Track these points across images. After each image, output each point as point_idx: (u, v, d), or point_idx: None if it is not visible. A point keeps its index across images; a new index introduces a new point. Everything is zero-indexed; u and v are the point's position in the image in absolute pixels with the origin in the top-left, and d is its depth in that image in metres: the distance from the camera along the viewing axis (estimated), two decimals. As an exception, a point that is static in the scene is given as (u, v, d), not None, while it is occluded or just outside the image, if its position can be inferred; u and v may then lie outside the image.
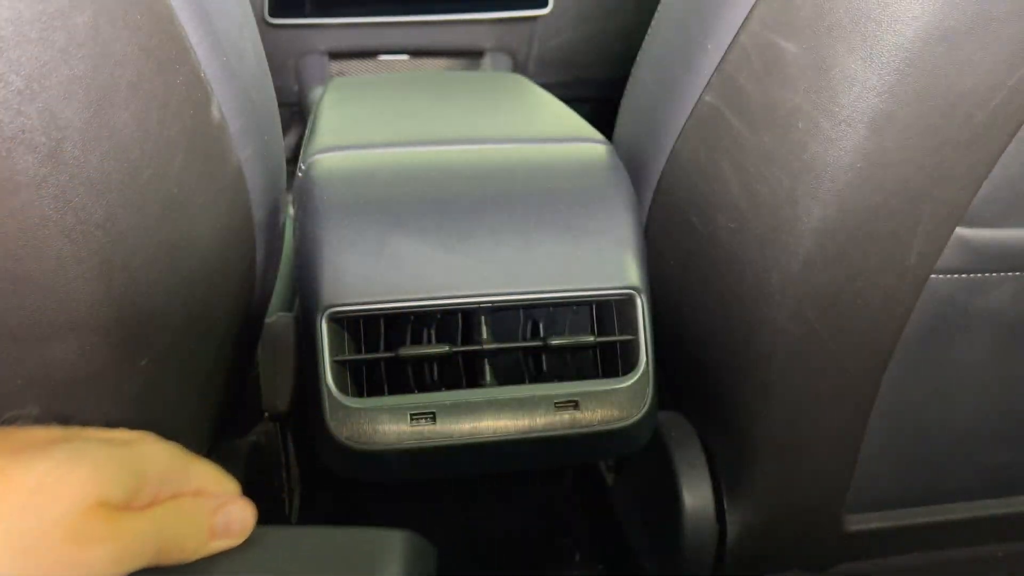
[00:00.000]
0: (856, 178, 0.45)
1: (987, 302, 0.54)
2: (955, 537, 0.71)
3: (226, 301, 0.51)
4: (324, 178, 0.51)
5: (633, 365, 0.51)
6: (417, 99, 0.71)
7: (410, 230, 0.49)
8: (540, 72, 1.32)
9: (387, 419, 0.47)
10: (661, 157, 0.57)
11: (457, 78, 0.92)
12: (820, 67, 0.43)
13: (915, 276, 0.51)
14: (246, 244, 0.52)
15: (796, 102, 0.45)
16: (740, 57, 0.48)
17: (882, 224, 0.47)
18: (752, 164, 0.49)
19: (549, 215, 0.51)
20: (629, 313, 0.51)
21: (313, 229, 0.49)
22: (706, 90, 0.52)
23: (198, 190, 0.43)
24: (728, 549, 0.64)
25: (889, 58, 0.41)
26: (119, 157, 0.36)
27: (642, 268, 0.52)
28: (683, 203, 0.56)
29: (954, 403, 0.61)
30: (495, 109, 0.68)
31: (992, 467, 0.66)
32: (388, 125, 0.60)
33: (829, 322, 0.52)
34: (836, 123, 0.44)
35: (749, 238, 0.51)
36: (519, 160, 0.54)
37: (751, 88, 0.48)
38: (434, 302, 0.49)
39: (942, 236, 0.49)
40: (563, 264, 0.50)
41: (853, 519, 0.67)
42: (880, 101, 0.42)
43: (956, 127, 0.44)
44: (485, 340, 0.51)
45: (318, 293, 0.48)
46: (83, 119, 0.34)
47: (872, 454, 0.62)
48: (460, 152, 0.54)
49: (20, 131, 0.32)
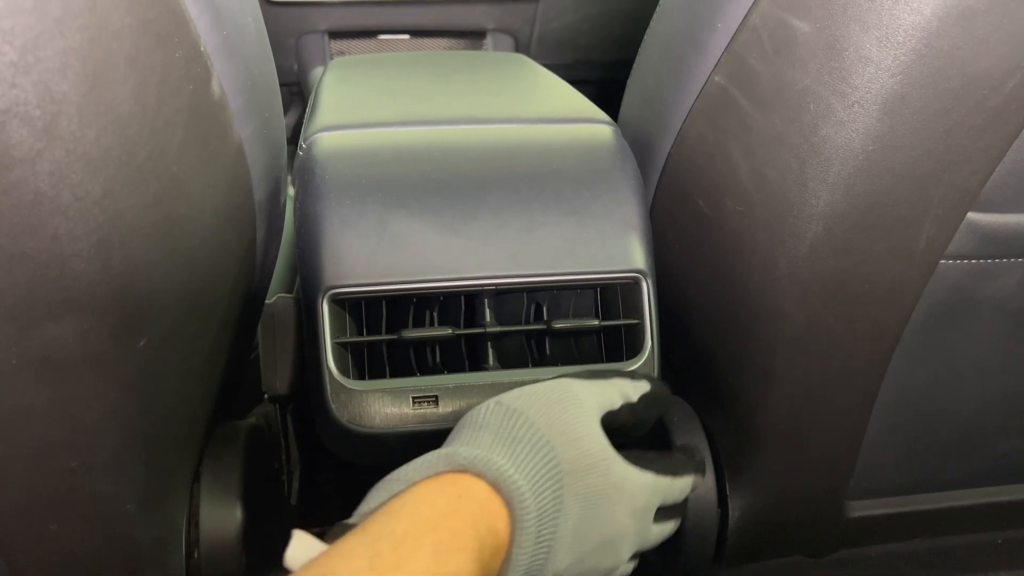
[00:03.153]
0: (866, 162, 0.44)
1: (995, 288, 0.54)
2: (956, 524, 0.71)
3: (226, 281, 0.51)
4: (326, 157, 0.50)
5: (638, 350, 0.50)
6: (420, 78, 0.70)
7: (412, 211, 0.49)
8: (542, 53, 1.31)
9: (389, 402, 0.47)
10: (668, 139, 0.57)
11: (460, 58, 0.91)
12: (833, 47, 0.43)
13: (924, 262, 0.50)
14: (246, 224, 0.51)
15: (807, 83, 0.44)
16: (750, 37, 0.48)
17: (892, 209, 0.46)
18: (761, 146, 0.48)
19: (554, 197, 0.50)
20: (634, 297, 0.51)
21: (314, 209, 0.48)
22: (715, 70, 0.51)
23: (198, 168, 0.42)
24: (729, 534, 0.64)
25: (905, 37, 0.40)
26: (117, 133, 0.35)
27: (648, 251, 0.51)
28: (689, 186, 0.56)
29: (959, 390, 0.61)
30: (499, 89, 0.67)
31: (995, 454, 0.66)
32: (391, 104, 0.59)
33: (835, 308, 0.51)
34: (848, 104, 0.43)
35: (756, 222, 0.50)
36: (523, 140, 0.53)
37: (761, 68, 0.47)
38: (437, 284, 0.48)
39: (953, 221, 0.49)
40: (568, 247, 0.49)
41: (856, 505, 0.66)
42: (894, 82, 0.41)
43: (969, 110, 0.43)
44: (488, 323, 0.50)
45: (319, 274, 0.47)
46: (79, 93, 0.33)
47: (876, 441, 0.62)
48: (463, 132, 0.54)
49: (14, 104, 0.31)
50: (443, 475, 0.37)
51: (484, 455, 0.37)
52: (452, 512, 0.34)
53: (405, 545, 0.32)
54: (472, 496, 0.36)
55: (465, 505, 0.35)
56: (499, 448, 0.38)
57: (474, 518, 0.35)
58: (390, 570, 0.30)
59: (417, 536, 0.32)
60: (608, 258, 0.50)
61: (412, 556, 0.31)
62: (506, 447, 0.38)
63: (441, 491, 0.36)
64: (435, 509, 0.34)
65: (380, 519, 0.34)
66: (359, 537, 0.33)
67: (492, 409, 0.40)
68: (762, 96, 0.47)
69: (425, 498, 0.35)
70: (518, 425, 0.39)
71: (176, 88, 0.39)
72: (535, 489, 0.37)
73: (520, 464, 0.38)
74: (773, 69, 0.46)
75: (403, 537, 0.32)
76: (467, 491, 0.36)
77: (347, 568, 0.31)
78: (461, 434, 0.40)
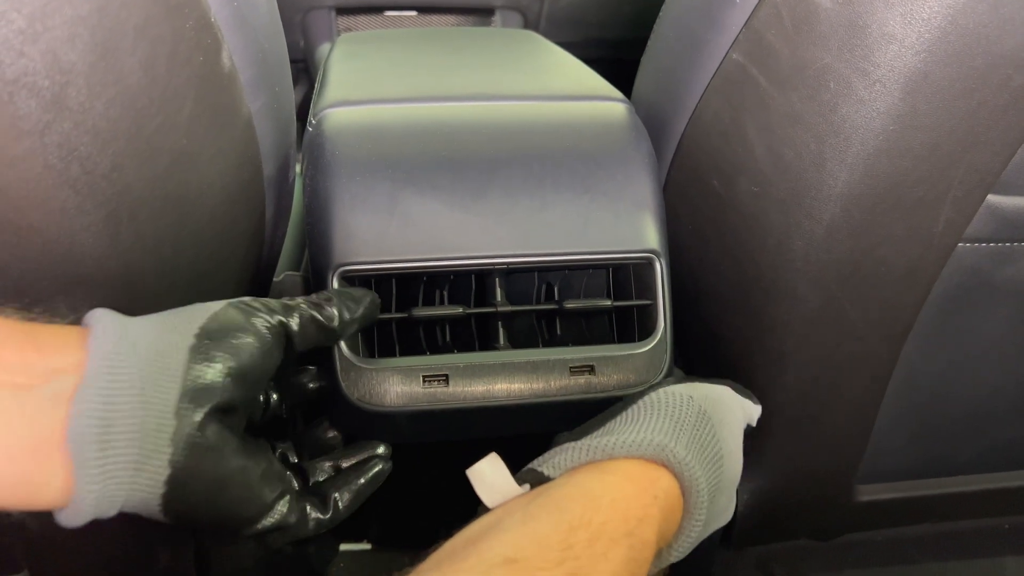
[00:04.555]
0: (886, 142, 0.43)
1: (1013, 272, 0.53)
2: (964, 509, 0.71)
3: (235, 257, 0.50)
4: (335, 133, 0.50)
5: (650, 330, 0.50)
6: (430, 54, 0.69)
7: (423, 188, 0.48)
8: (551, 31, 1.29)
9: (399, 380, 0.46)
10: (683, 117, 0.56)
11: (470, 34, 0.89)
12: (855, 24, 0.42)
13: (942, 245, 0.49)
14: (256, 199, 0.51)
15: (827, 61, 0.44)
16: (770, 13, 0.47)
17: (911, 190, 0.46)
18: (778, 126, 0.47)
19: (566, 175, 0.50)
20: (647, 277, 0.50)
21: (324, 185, 0.48)
22: (732, 47, 0.50)
23: (207, 141, 0.42)
24: (738, 516, 0.64)
25: (931, 14, 0.39)
26: (126, 104, 0.35)
27: (661, 231, 0.50)
28: (704, 165, 0.55)
29: (971, 375, 0.60)
30: (510, 65, 0.66)
31: (1006, 440, 0.66)
32: (401, 80, 0.58)
33: (850, 290, 0.51)
34: (870, 83, 0.42)
35: (772, 202, 0.50)
36: (535, 117, 0.53)
37: (780, 45, 0.46)
38: (448, 262, 0.47)
39: (972, 203, 0.48)
40: (580, 226, 0.49)
41: (864, 489, 0.66)
42: (918, 60, 0.40)
43: (993, 90, 0.42)
44: (499, 302, 0.49)
45: (329, 251, 0.47)
46: (88, 63, 0.32)
47: (886, 425, 0.61)
48: (475, 108, 0.53)
49: (23, 73, 0.30)
50: (641, 461, 0.37)
51: (690, 461, 0.38)
52: (647, 517, 0.35)
53: (600, 543, 0.31)
54: (664, 501, 0.36)
55: (659, 511, 0.36)
56: (694, 453, 0.39)
57: (661, 528, 0.35)
58: (581, 570, 0.30)
59: (614, 537, 0.32)
60: (621, 238, 0.49)
61: (605, 558, 0.31)
62: (699, 454, 0.39)
63: (642, 487, 0.36)
64: (633, 510, 0.34)
65: (579, 500, 0.34)
66: (555, 517, 0.32)
67: (687, 403, 0.42)
68: (781, 74, 0.46)
69: (625, 490, 0.35)
70: (707, 434, 0.41)
71: (186, 59, 0.38)
72: (711, 493, 0.39)
73: (709, 476, 0.40)
74: (792, 46, 0.45)
75: (599, 533, 0.32)
76: (664, 494, 0.37)
77: (540, 558, 0.30)
78: (655, 421, 0.40)
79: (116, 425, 0.32)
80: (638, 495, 0.35)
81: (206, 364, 0.35)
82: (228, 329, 0.36)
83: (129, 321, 0.36)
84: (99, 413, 0.32)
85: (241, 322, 0.37)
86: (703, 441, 0.40)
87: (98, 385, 0.32)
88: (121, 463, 0.33)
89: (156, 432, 0.33)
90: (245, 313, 0.38)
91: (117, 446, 0.32)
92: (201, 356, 0.35)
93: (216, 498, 0.35)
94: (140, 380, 0.33)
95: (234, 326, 0.37)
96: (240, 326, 0.37)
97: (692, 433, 0.40)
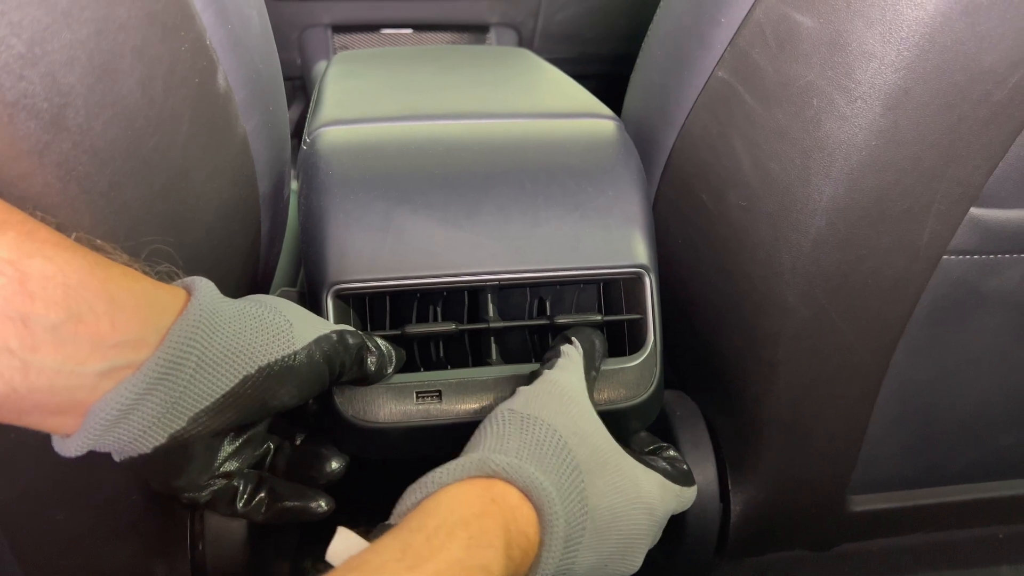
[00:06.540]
0: (870, 156, 0.44)
1: (999, 283, 0.54)
2: (958, 518, 0.71)
3: (231, 274, 0.51)
4: (330, 151, 0.51)
5: (640, 344, 0.50)
6: (424, 73, 0.70)
7: (416, 205, 0.49)
8: (546, 47, 1.31)
9: (393, 397, 0.47)
10: (671, 133, 0.57)
11: (464, 52, 0.91)
12: (836, 42, 0.43)
13: (927, 256, 0.50)
14: (251, 216, 0.52)
15: (810, 78, 0.44)
16: (754, 31, 0.48)
17: (895, 203, 0.47)
18: (764, 141, 0.48)
19: (557, 191, 0.50)
20: (637, 292, 0.51)
21: (318, 203, 0.49)
22: (718, 65, 0.51)
23: (203, 160, 0.42)
24: (731, 527, 0.64)
25: (909, 32, 0.40)
26: (123, 125, 0.36)
27: (651, 246, 0.51)
28: (693, 180, 0.56)
29: (961, 385, 0.61)
30: (503, 83, 0.67)
31: (997, 449, 0.66)
32: (395, 99, 0.59)
33: (839, 302, 0.51)
34: (851, 100, 0.43)
35: (760, 216, 0.50)
36: (527, 135, 0.53)
37: (765, 63, 0.47)
38: (440, 279, 0.48)
39: (956, 216, 0.49)
40: (571, 242, 0.50)
41: (857, 499, 0.66)
42: (898, 77, 0.41)
43: (973, 105, 0.43)
44: (492, 318, 0.50)
45: (324, 269, 0.47)
46: (86, 85, 0.33)
47: (878, 435, 0.62)
48: (467, 126, 0.54)
49: (22, 96, 0.31)
50: (475, 479, 0.37)
51: (515, 462, 0.37)
52: (484, 512, 0.35)
53: (438, 537, 0.32)
54: (504, 501, 0.36)
55: (497, 508, 0.35)
56: (526, 454, 0.39)
57: (505, 520, 0.35)
58: (421, 559, 0.31)
59: (450, 530, 0.33)
60: (611, 253, 0.50)
61: (444, 547, 0.32)
62: (533, 453, 0.39)
63: (475, 494, 0.36)
64: (468, 508, 0.35)
65: (414, 516, 0.35)
66: (393, 532, 0.33)
67: (507, 417, 0.41)
68: (765, 91, 0.47)
69: (458, 498, 0.36)
70: (538, 430, 0.40)
71: (182, 80, 0.39)
72: (563, 495, 0.38)
73: (548, 469, 0.39)
74: (776, 64, 0.46)
75: (435, 531, 0.32)
76: (500, 496, 0.36)
77: (379, 559, 0.31)
78: (486, 441, 0.40)
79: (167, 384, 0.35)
80: (472, 499, 0.36)
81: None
82: None
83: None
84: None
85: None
86: (537, 441, 0.39)
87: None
88: (145, 411, 0.35)
89: (188, 407, 0.36)
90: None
91: (152, 399, 0.35)
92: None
93: (170, 472, 0.39)
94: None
95: None
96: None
97: (520, 440, 0.39)
